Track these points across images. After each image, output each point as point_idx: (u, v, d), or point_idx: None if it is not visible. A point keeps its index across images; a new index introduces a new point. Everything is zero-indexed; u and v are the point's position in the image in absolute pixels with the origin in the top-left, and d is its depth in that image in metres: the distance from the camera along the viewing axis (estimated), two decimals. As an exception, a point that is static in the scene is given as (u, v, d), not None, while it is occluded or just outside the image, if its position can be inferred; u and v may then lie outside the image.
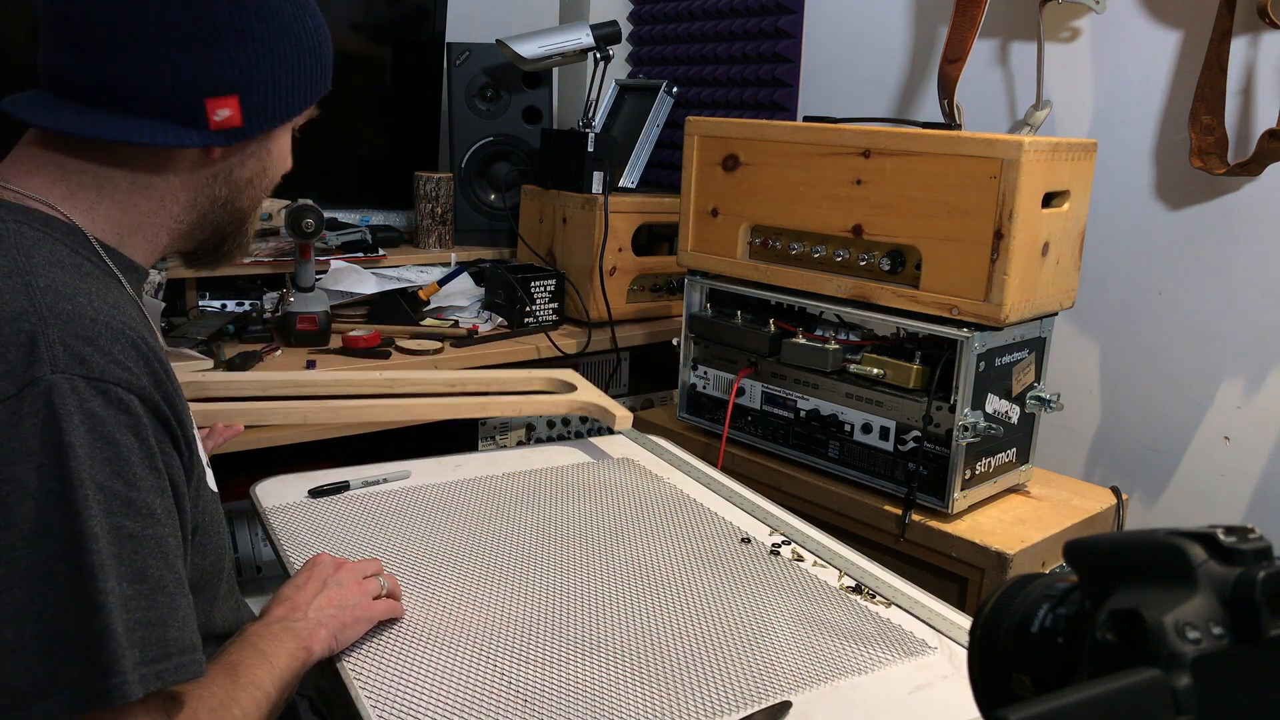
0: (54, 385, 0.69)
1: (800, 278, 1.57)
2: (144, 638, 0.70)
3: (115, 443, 0.71)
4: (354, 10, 2.37)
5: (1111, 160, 1.72)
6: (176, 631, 0.73)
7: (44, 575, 0.67)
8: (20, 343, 0.70)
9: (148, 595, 0.71)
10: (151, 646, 0.71)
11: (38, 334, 0.70)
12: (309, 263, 1.91)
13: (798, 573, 1.19)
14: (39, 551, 0.67)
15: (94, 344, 0.72)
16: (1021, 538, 1.39)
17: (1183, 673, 0.39)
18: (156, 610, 0.72)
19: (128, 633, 0.69)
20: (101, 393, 0.71)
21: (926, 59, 2.03)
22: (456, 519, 1.27)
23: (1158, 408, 1.74)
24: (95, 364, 0.71)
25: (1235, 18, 1.52)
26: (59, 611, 0.67)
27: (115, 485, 0.70)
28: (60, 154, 0.83)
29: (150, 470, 0.74)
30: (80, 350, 0.71)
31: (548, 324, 2.11)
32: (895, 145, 1.43)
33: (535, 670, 0.95)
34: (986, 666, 0.52)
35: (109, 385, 0.71)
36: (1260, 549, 0.43)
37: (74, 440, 0.68)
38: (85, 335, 0.72)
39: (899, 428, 1.47)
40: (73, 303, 0.74)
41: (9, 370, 0.69)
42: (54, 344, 0.70)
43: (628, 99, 2.45)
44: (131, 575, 0.71)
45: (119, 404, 0.72)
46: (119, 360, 0.73)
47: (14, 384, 0.68)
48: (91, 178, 0.83)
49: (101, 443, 0.70)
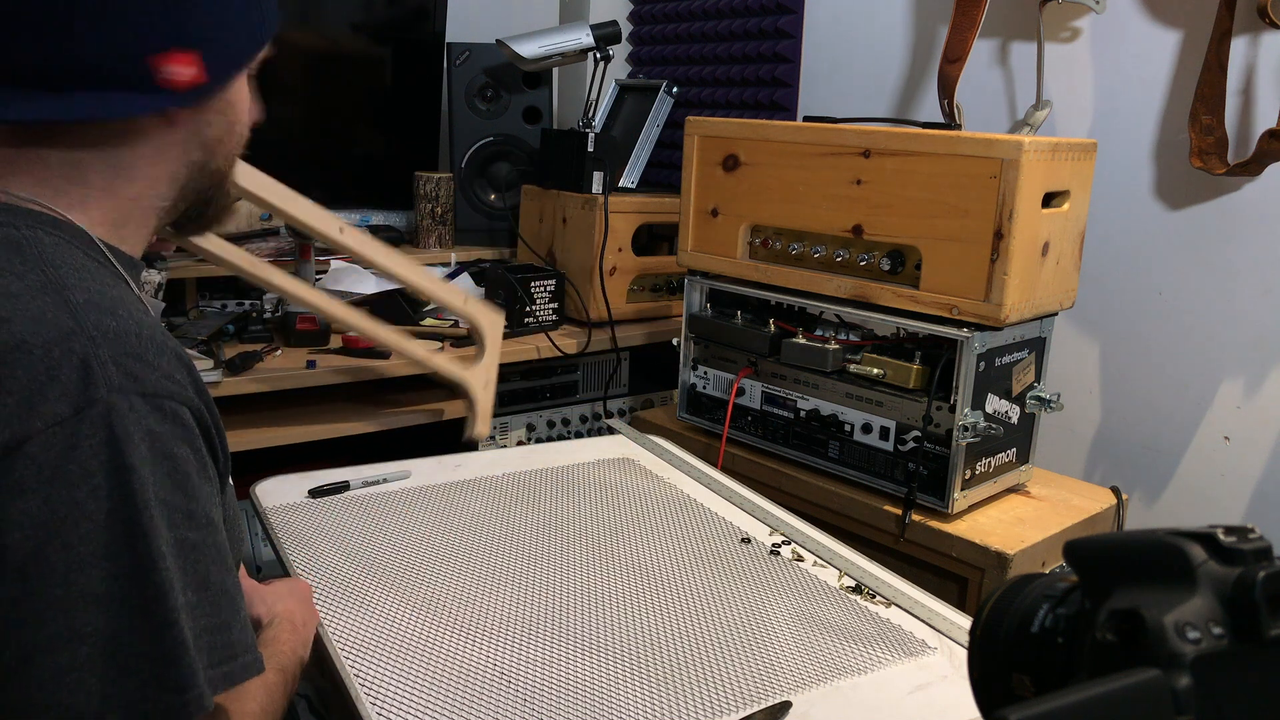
0: (113, 406, 0.68)
1: (800, 278, 1.57)
2: (210, 643, 0.71)
3: (174, 457, 0.71)
4: (354, 10, 2.37)
5: (1111, 160, 1.72)
6: (240, 633, 0.74)
7: (103, 597, 0.66)
8: (74, 364, 0.68)
9: (211, 601, 0.72)
10: (218, 650, 0.71)
11: (90, 354, 0.69)
12: (309, 263, 1.91)
13: (798, 573, 1.19)
14: (99, 573, 0.66)
15: (143, 360, 0.72)
16: (1021, 538, 1.39)
17: (1183, 673, 0.39)
18: (220, 615, 0.72)
19: (195, 639, 0.70)
20: (157, 409, 0.71)
21: (926, 59, 2.03)
22: (456, 519, 1.27)
23: (1158, 408, 1.74)
24: (148, 380, 0.71)
25: (1235, 18, 1.52)
26: (120, 632, 0.66)
27: (177, 499, 0.71)
28: (34, 149, 0.80)
29: (204, 479, 0.74)
30: (132, 368, 0.71)
31: (548, 324, 2.11)
32: (895, 145, 1.43)
33: (535, 670, 0.95)
34: (986, 666, 0.52)
35: (163, 400, 0.71)
36: (1260, 549, 0.43)
37: (135, 461, 0.68)
38: (134, 352, 0.71)
39: (899, 428, 1.47)
40: (115, 318, 0.73)
41: (64, 393, 0.67)
42: (107, 363, 0.69)
43: (628, 99, 2.45)
44: (196, 584, 0.71)
45: (173, 418, 0.72)
46: (168, 374, 0.73)
47: (70, 406, 0.67)
48: (70, 167, 0.80)
49: (162, 458, 0.70)
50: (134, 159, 0.82)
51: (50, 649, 0.65)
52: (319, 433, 1.79)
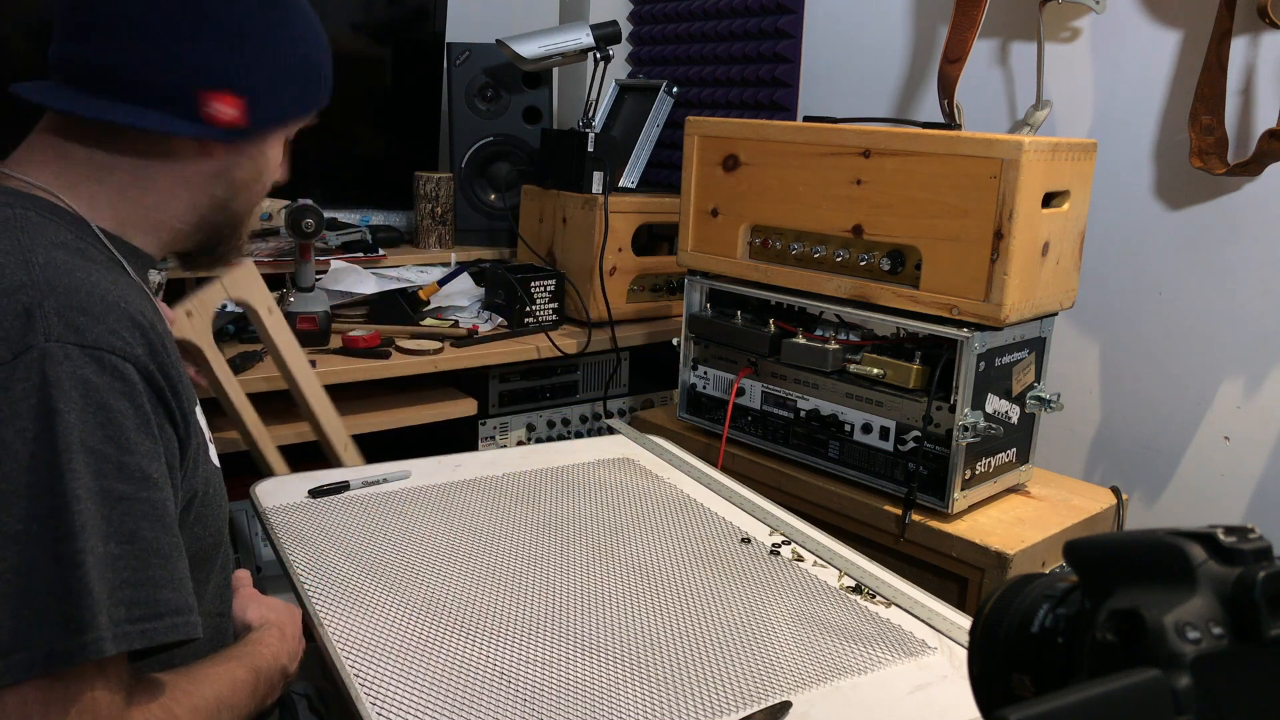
0: (48, 352, 0.71)
1: (800, 278, 1.57)
2: (131, 597, 0.72)
3: (108, 408, 0.73)
4: (354, 10, 2.37)
5: (1111, 160, 1.72)
6: (170, 593, 0.75)
7: (20, 535, 0.68)
8: (17, 313, 0.72)
9: (138, 555, 0.73)
10: (139, 605, 0.72)
11: (34, 305, 0.72)
12: (309, 263, 1.91)
13: (798, 573, 1.19)
14: (15, 511, 0.68)
15: (89, 314, 0.74)
16: (1021, 538, 1.39)
17: (1183, 673, 0.39)
18: (148, 570, 0.73)
19: (111, 591, 0.70)
20: (95, 360, 0.73)
21: (926, 59, 2.03)
22: (456, 519, 1.27)
23: (1158, 408, 1.74)
24: (90, 332, 0.74)
25: (1235, 18, 1.52)
26: (32, 570, 0.68)
27: (107, 449, 0.72)
28: (66, 144, 0.85)
29: (146, 436, 0.76)
30: (75, 320, 0.73)
31: (548, 324, 2.11)
32: (895, 145, 1.43)
33: (535, 670, 0.95)
34: (986, 666, 0.52)
35: (103, 353, 0.74)
36: (1260, 549, 0.43)
37: (62, 405, 0.70)
38: (80, 306, 0.74)
39: (899, 428, 1.47)
40: (70, 277, 0.76)
41: (4, 337, 0.71)
42: (49, 314, 0.72)
43: (628, 99, 2.45)
44: (120, 536, 0.72)
45: (113, 371, 0.74)
46: (114, 330, 0.75)
47: (9, 351, 0.70)
48: (94, 168, 0.85)
49: (94, 408, 0.72)
50: (158, 174, 0.87)
51: None
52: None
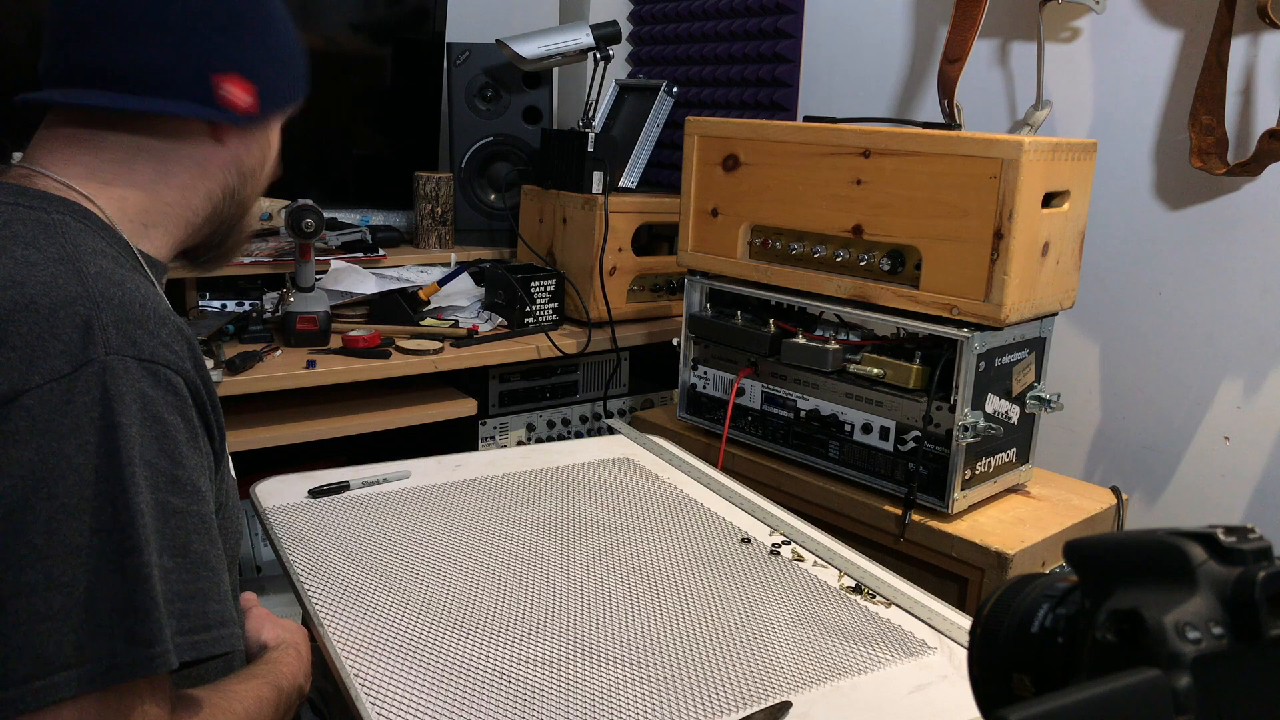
0: (109, 366, 0.72)
1: (800, 278, 1.57)
2: (184, 609, 0.72)
3: (164, 422, 0.74)
4: (354, 10, 2.37)
5: (1111, 160, 1.72)
6: (217, 605, 0.76)
7: (83, 549, 0.68)
8: (76, 325, 0.72)
9: (190, 569, 0.74)
10: (190, 618, 0.73)
11: (92, 317, 0.73)
12: (309, 263, 1.91)
13: (798, 573, 1.19)
14: (80, 525, 0.69)
15: (144, 327, 0.75)
16: (1021, 538, 1.39)
17: (1183, 673, 0.39)
18: (198, 583, 0.74)
19: (167, 604, 0.71)
20: (151, 374, 0.74)
21: (926, 59, 2.03)
22: (456, 519, 1.27)
23: (1158, 408, 1.74)
24: (146, 346, 0.74)
25: (1235, 18, 1.52)
26: (98, 584, 0.68)
27: (162, 463, 0.73)
28: (91, 138, 0.86)
29: (194, 449, 0.77)
30: (132, 333, 0.74)
31: (548, 324, 2.11)
32: (895, 145, 1.43)
33: (535, 669, 0.95)
34: (986, 666, 0.52)
35: (159, 367, 0.75)
36: (1260, 549, 0.43)
37: (124, 420, 0.71)
38: (136, 319, 0.75)
39: (899, 428, 1.47)
40: (122, 289, 0.77)
41: (65, 350, 0.71)
42: (108, 327, 0.73)
43: (628, 99, 2.45)
44: (174, 549, 0.73)
45: (167, 385, 0.75)
46: (167, 343, 0.76)
47: (69, 363, 0.71)
48: (125, 159, 0.86)
49: (152, 421, 0.73)
50: (178, 164, 0.89)
51: (28, 594, 0.67)
52: (319, 433, 1.79)
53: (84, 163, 0.85)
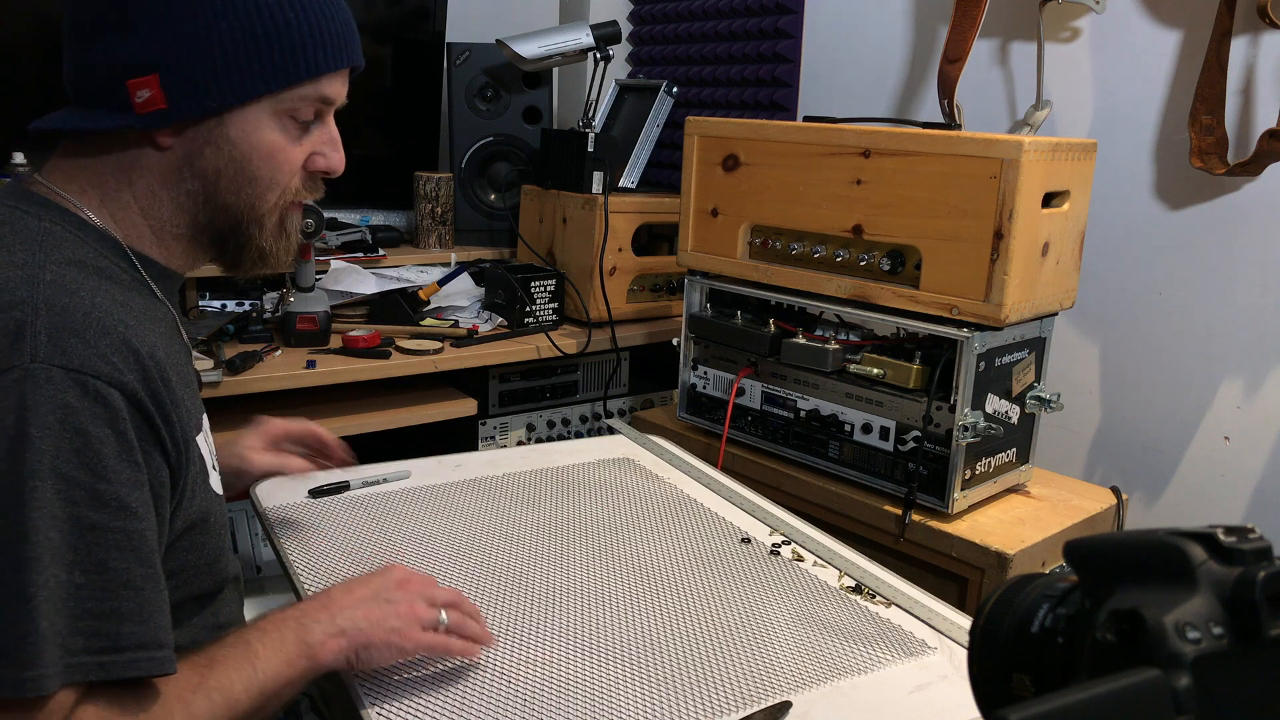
0: (30, 373, 0.70)
1: (800, 278, 1.57)
2: (94, 628, 0.70)
3: (86, 434, 0.71)
4: (354, 10, 2.36)
5: (1111, 160, 1.72)
6: (136, 627, 0.72)
7: None
8: (9, 330, 0.71)
9: (105, 587, 0.71)
10: (101, 638, 0.71)
11: (26, 323, 0.71)
12: (309, 263, 1.91)
13: (798, 573, 1.19)
14: None
15: (80, 336, 0.73)
16: (1021, 538, 1.39)
17: (1183, 673, 0.39)
18: (113, 603, 0.72)
19: (71, 621, 0.69)
20: (79, 384, 0.71)
21: (926, 59, 2.03)
22: (456, 519, 1.27)
23: (1158, 408, 1.74)
24: (77, 355, 0.72)
25: (1235, 18, 1.52)
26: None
27: (80, 475, 0.71)
28: (82, 159, 0.86)
29: (128, 464, 0.74)
30: (65, 342, 0.72)
31: (548, 324, 2.11)
32: (895, 145, 1.43)
33: (535, 670, 0.95)
34: (986, 666, 0.52)
35: (86, 377, 0.72)
36: (1260, 549, 0.43)
37: (34, 430, 0.69)
38: (72, 327, 0.73)
39: (899, 428, 1.47)
40: (73, 296, 0.75)
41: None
42: (39, 334, 0.71)
43: (628, 99, 2.45)
44: (87, 565, 0.70)
45: (95, 396, 0.72)
46: (103, 354, 0.73)
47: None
48: (109, 179, 0.85)
49: (72, 433, 0.71)
50: (138, 174, 0.86)
51: None
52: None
53: (87, 180, 0.85)
